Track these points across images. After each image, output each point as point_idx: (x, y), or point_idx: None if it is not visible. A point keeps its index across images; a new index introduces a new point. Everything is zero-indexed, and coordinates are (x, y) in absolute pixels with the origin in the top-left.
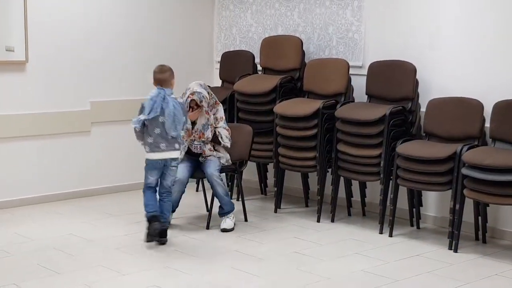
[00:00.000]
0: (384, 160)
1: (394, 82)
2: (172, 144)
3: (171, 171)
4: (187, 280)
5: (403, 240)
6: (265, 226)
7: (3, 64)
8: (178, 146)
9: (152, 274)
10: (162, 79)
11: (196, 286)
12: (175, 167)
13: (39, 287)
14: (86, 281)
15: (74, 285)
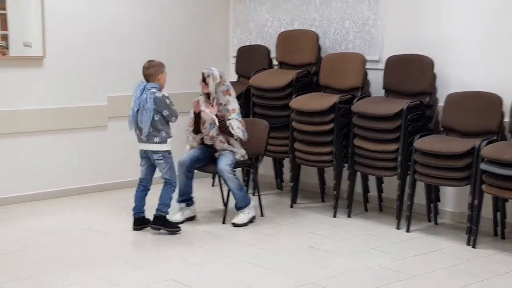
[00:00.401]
0: (401, 155)
1: (412, 76)
2: (151, 137)
3: (159, 165)
4: (203, 274)
5: (421, 235)
6: (281, 221)
7: (21, 59)
8: (157, 140)
9: (169, 268)
10: (146, 74)
11: (212, 280)
12: (160, 160)
13: (56, 280)
14: (103, 274)
15: (91, 278)
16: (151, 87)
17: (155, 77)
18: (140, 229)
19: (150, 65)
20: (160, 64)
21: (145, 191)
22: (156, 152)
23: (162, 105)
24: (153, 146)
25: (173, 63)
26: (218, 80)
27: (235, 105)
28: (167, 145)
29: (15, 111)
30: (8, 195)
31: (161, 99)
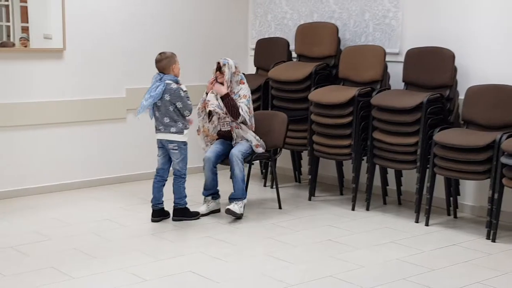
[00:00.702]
0: (420, 148)
1: (432, 69)
2: (168, 127)
3: (173, 154)
4: (221, 267)
5: (440, 229)
6: (299, 214)
7: (41, 51)
8: (174, 130)
9: (188, 259)
10: (159, 66)
11: (230, 272)
12: (175, 149)
13: (76, 271)
14: (122, 265)
15: (110, 269)
16: (168, 78)
17: (169, 68)
18: (158, 220)
19: (162, 57)
20: (172, 55)
21: (162, 182)
22: (172, 142)
23: (176, 96)
24: (169, 135)
25: (192, 56)
26: (234, 70)
27: (246, 92)
28: (184, 136)
29: (34, 103)
30: (27, 186)
31: (176, 91)
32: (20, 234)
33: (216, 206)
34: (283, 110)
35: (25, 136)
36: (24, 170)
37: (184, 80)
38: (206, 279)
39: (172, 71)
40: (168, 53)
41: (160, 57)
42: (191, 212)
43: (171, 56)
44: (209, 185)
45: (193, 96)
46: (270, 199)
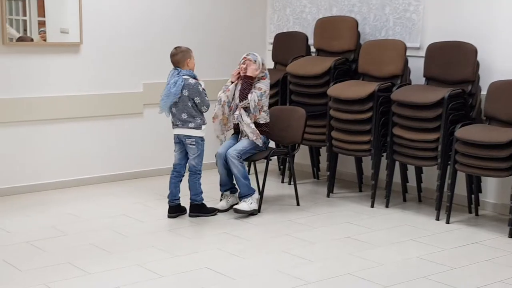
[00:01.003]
0: (442, 144)
1: (454, 64)
2: (186, 123)
3: (190, 149)
4: (238, 263)
5: (461, 227)
6: (318, 210)
7: (58, 45)
8: (192, 125)
9: (204, 256)
10: (174, 61)
11: (247, 269)
12: (192, 145)
13: (92, 266)
14: (138, 261)
15: (126, 265)
16: (185, 73)
17: (184, 62)
18: (175, 216)
19: (177, 51)
20: (187, 50)
21: (179, 177)
22: (190, 137)
23: (194, 92)
24: (187, 131)
25: (209, 50)
26: (261, 65)
27: (264, 86)
28: (201, 132)
29: (51, 98)
30: (43, 181)
31: (194, 86)
32: (37, 229)
33: (235, 200)
34: (301, 105)
35: (41, 131)
36: (40, 165)
37: (201, 75)
38: (223, 275)
39: (187, 65)
40: (183, 47)
41: (175, 51)
42: (208, 208)
43: (186, 51)
44: (224, 181)
45: (209, 92)
46: (287, 196)
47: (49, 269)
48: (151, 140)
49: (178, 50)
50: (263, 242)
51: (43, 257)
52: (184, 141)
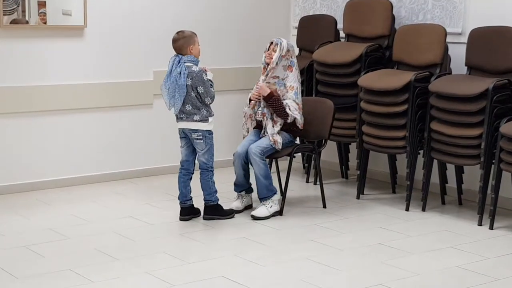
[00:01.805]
0: (485, 141)
1: (499, 51)
2: (191, 115)
3: (197, 144)
4: (258, 272)
5: (506, 233)
6: (346, 213)
7: (60, 29)
8: (198, 118)
9: (220, 263)
10: (176, 47)
11: (267, 278)
12: (199, 139)
13: (95, 274)
14: (147, 269)
15: (133, 272)
16: (187, 60)
17: (186, 49)
18: (188, 219)
19: (179, 36)
20: (190, 35)
21: (188, 175)
22: (196, 131)
23: (198, 80)
24: (192, 124)
25: (227, 35)
26: (284, 53)
27: (294, 83)
28: (209, 124)
29: (51, 86)
30: (43, 179)
31: (198, 74)
32: (35, 232)
33: (250, 200)
34: (329, 97)
35: (40, 123)
36: (40, 161)
37: (219, 63)
38: (239, 285)
39: (190, 52)
40: (187, 32)
41: (177, 36)
42: (225, 210)
43: (189, 36)
44: (241, 182)
45: (227, 80)
46: (313, 197)
47: (48, 276)
48: (162, 134)
49: (180, 35)
50: (285, 248)
51: (42, 263)
52: (190, 136)
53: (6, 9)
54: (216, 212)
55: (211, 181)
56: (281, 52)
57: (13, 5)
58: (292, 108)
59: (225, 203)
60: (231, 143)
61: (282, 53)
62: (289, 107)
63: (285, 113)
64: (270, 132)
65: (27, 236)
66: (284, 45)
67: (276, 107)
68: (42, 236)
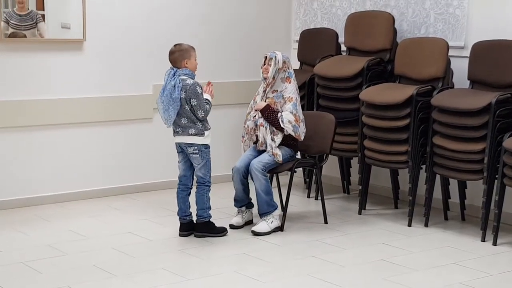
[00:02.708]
0: (488, 156)
1: (502, 65)
2: (187, 129)
3: (193, 159)
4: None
5: (510, 249)
6: (348, 229)
7: (58, 42)
8: (193, 131)
9: (220, 279)
10: (171, 59)
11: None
12: (195, 153)
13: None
14: (146, 285)
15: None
16: (182, 73)
17: (180, 62)
18: (187, 235)
19: (176, 49)
20: (187, 49)
21: (186, 191)
22: (192, 145)
23: (191, 93)
24: (188, 138)
25: (227, 48)
26: (280, 66)
27: (293, 94)
28: (205, 138)
29: (50, 100)
30: (41, 194)
31: (191, 86)
32: (33, 248)
33: (251, 216)
34: (330, 111)
35: (38, 137)
36: (37, 176)
37: (219, 77)
38: None
39: (185, 66)
40: (184, 45)
41: (174, 49)
42: (217, 228)
43: (185, 49)
44: (240, 197)
45: (230, 94)
46: (314, 212)
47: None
48: (161, 148)
49: (177, 48)
50: (286, 264)
51: (40, 280)
52: (186, 150)
53: (23, 24)
54: (208, 229)
55: (205, 196)
56: (276, 65)
57: (29, 20)
58: (285, 120)
59: (225, 219)
60: (231, 157)
61: (279, 66)
62: (283, 119)
63: (279, 126)
64: (269, 143)
65: (25, 252)
66: (279, 58)
67: (271, 119)
68: (40, 252)
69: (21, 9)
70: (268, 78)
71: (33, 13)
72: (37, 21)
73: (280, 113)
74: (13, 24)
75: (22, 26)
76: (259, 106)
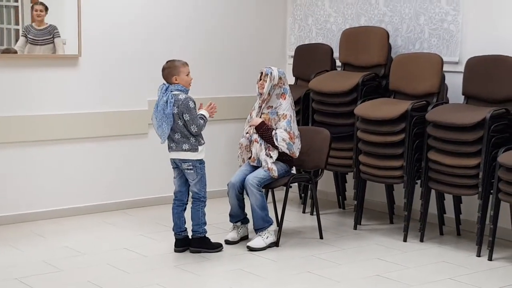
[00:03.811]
0: (483, 171)
1: (496, 80)
2: (180, 144)
3: (188, 175)
4: None
5: (505, 264)
6: (343, 244)
7: (54, 58)
8: (187, 147)
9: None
10: (162, 76)
11: None
12: (189, 169)
13: None
14: None
15: None
16: (174, 88)
17: (170, 78)
18: (182, 251)
19: (167, 65)
20: (175, 66)
21: (182, 206)
22: (186, 161)
23: (184, 108)
24: (182, 154)
25: (223, 63)
26: (275, 82)
27: (287, 111)
28: (199, 154)
29: (45, 116)
30: (36, 210)
31: (184, 101)
32: (27, 264)
33: (246, 231)
34: (325, 126)
35: (33, 153)
36: (32, 192)
37: (214, 92)
38: None
39: (174, 82)
40: (175, 61)
41: (165, 65)
42: (212, 243)
43: (174, 66)
44: (236, 212)
45: (226, 109)
46: (309, 228)
47: None
48: (157, 164)
49: (168, 65)
50: (281, 280)
51: None
52: (181, 166)
53: (40, 39)
54: (203, 245)
55: (201, 212)
56: (272, 81)
57: (47, 35)
58: (279, 139)
59: (220, 234)
60: (226, 172)
61: (274, 82)
62: (277, 137)
63: (273, 144)
64: (262, 158)
65: (19, 268)
66: (275, 74)
67: (266, 137)
68: (35, 268)
69: (39, 23)
70: (264, 94)
71: (50, 28)
72: (54, 36)
73: (275, 131)
74: (31, 38)
75: (40, 40)
76: (255, 122)
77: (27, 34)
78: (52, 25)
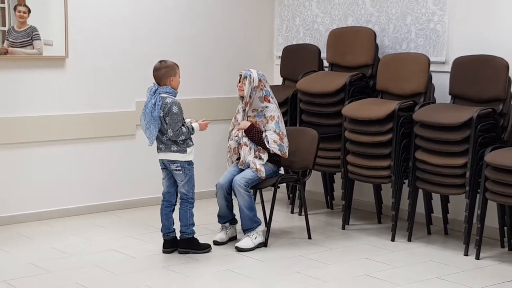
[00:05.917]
0: (470, 170)
1: (483, 80)
2: (169, 145)
3: (176, 175)
4: None
5: (492, 263)
6: (332, 244)
7: (40, 59)
8: (175, 148)
9: None
10: (156, 76)
11: None
12: (178, 170)
13: None
14: None
15: None
16: (163, 91)
17: (166, 79)
18: (171, 251)
19: (161, 66)
20: (172, 66)
21: (170, 207)
22: (174, 162)
23: (167, 111)
24: (170, 155)
25: (210, 64)
26: (256, 84)
27: (274, 112)
28: (187, 155)
29: (31, 118)
30: (23, 212)
31: (168, 105)
32: (15, 266)
33: (234, 232)
34: (313, 126)
35: (20, 155)
36: (19, 193)
37: (202, 93)
38: None
39: (170, 83)
40: (169, 62)
41: (159, 65)
42: (200, 244)
43: (171, 67)
44: (224, 213)
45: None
46: (298, 228)
47: None
48: (145, 165)
49: (163, 65)
50: (270, 280)
51: None
52: (169, 167)
53: (19, 41)
54: (191, 246)
55: (189, 213)
56: (252, 84)
57: (25, 37)
58: (271, 141)
59: (209, 235)
60: (215, 173)
61: (254, 84)
62: (268, 139)
63: (265, 147)
64: (250, 160)
65: (7, 271)
66: (254, 76)
67: (256, 139)
68: (23, 270)
69: (21, 24)
70: (246, 97)
71: (30, 29)
72: (33, 38)
73: (265, 133)
74: (10, 41)
75: (18, 43)
76: (243, 126)
77: (8, 37)
78: (32, 27)
